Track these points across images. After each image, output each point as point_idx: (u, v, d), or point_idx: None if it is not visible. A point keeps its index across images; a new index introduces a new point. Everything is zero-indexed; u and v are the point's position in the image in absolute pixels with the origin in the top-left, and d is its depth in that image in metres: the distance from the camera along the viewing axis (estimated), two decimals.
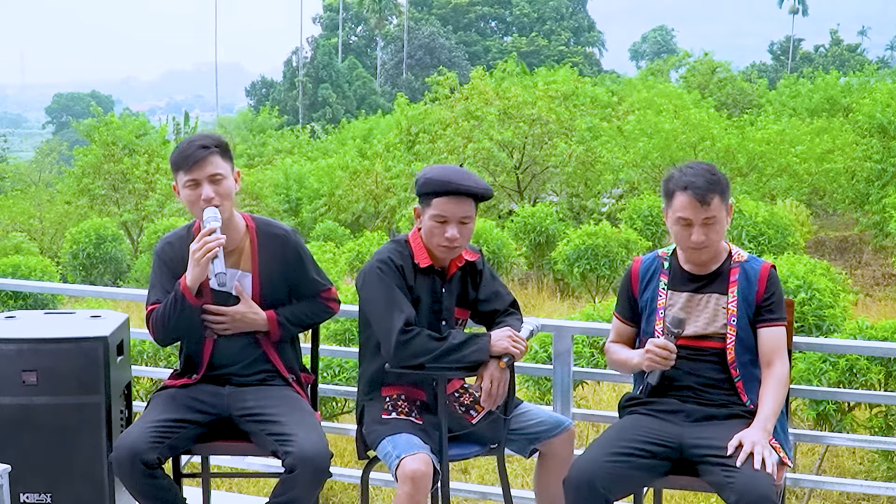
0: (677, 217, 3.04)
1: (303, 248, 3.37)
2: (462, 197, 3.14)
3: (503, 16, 69.63)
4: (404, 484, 2.95)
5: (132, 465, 2.99)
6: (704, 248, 3.05)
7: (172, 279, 3.19)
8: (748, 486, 2.71)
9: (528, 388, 5.84)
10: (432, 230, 3.17)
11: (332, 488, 5.14)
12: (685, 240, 3.06)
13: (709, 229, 3.02)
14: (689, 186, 3.01)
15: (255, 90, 58.95)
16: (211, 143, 3.19)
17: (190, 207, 3.20)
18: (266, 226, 3.34)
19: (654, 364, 3.03)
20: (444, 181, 3.14)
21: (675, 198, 3.05)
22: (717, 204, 3.01)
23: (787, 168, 16.10)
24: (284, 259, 3.31)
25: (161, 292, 3.22)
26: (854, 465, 5.65)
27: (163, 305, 3.17)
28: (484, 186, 3.18)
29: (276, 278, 3.30)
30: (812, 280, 6.19)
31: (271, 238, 3.31)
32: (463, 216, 3.15)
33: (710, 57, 31.78)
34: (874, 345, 4.32)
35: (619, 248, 11.43)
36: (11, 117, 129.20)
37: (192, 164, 3.13)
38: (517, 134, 17.68)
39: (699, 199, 2.99)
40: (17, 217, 19.84)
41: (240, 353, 3.29)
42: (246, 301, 3.25)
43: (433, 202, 3.15)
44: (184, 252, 3.16)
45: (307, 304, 3.37)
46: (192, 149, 3.15)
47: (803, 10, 69.62)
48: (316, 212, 20.23)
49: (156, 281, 3.27)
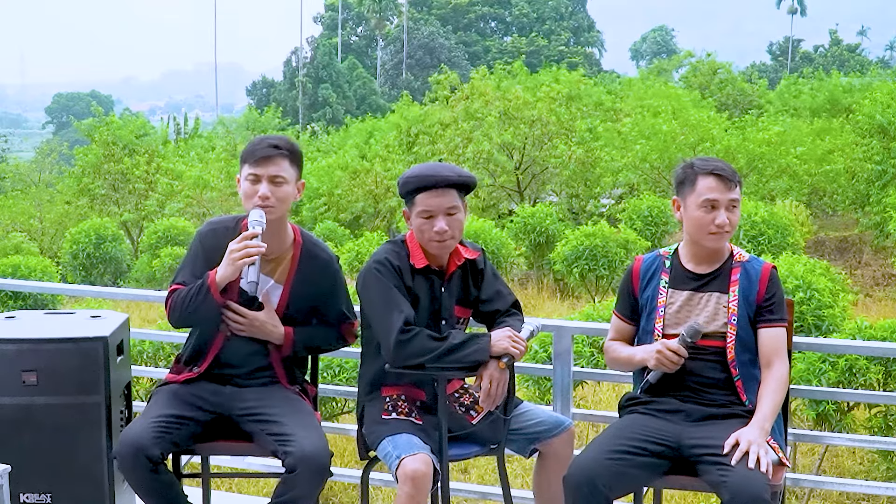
0: (703, 200, 3.03)
1: (340, 277, 3.40)
2: (443, 189, 3.14)
3: (503, 16, 69.65)
4: (404, 484, 2.95)
5: (136, 460, 3.00)
6: (725, 234, 3.05)
7: (205, 266, 3.21)
8: (742, 485, 2.72)
9: (528, 388, 5.84)
10: (421, 227, 3.17)
11: (332, 488, 5.14)
12: (708, 224, 3.03)
13: (732, 214, 3.04)
14: (715, 170, 3.05)
15: (256, 90, 58.94)
16: (284, 145, 3.21)
17: (245, 201, 3.21)
18: (312, 245, 3.35)
19: (661, 364, 3.04)
20: (422, 176, 3.16)
21: (698, 182, 3.05)
22: (739, 192, 3.06)
23: (787, 169, 16.10)
24: (319, 283, 3.32)
25: (189, 275, 3.23)
26: (854, 465, 5.65)
27: (186, 290, 3.17)
28: (463, 175, 3.19)
29: (306, 299, 3.32)
30: (811, 280, 6.19)
31: (313, 258, 3.32)
32: (448, 207, 3.16)
33: (712, 58, 31.77)
34: (873, 345, 4.32)
35: (617, 249, 11.41)
36: (11, 117, 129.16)
37: (258, 159, 3.16)
38: (517, 135, 17.68)
39: (727, 179, 3.02)
40: (17, 217, 19.83)
41: (247, 358, 3.30)
42: (269, 311, 3.26)
43: (416, 199, 3.17)
44: (225, 243, 3.17)
45: (325, 331, 3.39)
46: (263, 145, 3.19)
47: (801, 11, 69.66)
48: (315, 211, 20.23)
49: (188, 262, 3.28)
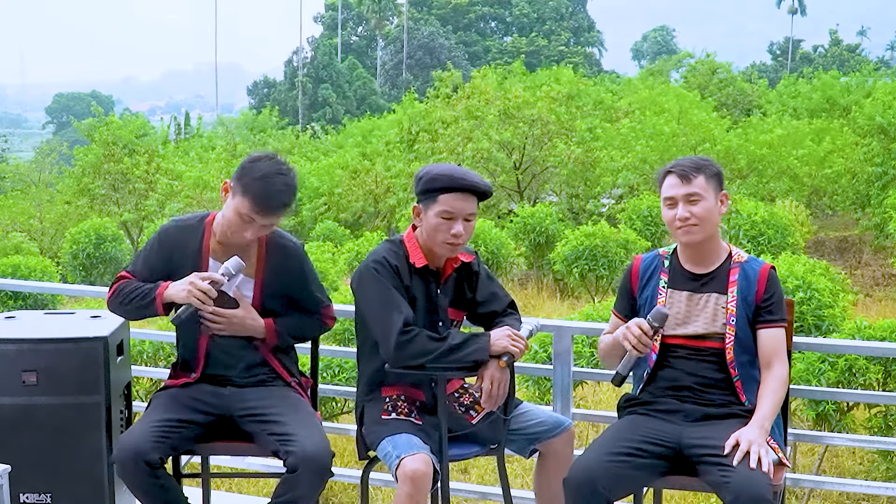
0: (664, 199, 3.10)
1: (308, 263, 3.40)
2: (468, 193, 3.16)
3: (503, 16, 69.62)
4: (404, 484, 2.95)
5: (135, 465, 3.00)
6: (692, 226, 3.04)
7: (158, 262, 3.23)
8: (744, 485, 2.72)
9: (528, 388, 5.85)
10: (437, 227, 3.16)
11: (332, 488, 5.14)
12: (672, 221, 3.07)
13: (693, 206, 3.04)
14: (673, 168, 3.11)
15: (256, 90, 58.93)
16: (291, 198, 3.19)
17: (231, 234, 3.19)
18: (277, 236, 3.35)
19: (626, 340, 3.00)
20: (451, 177, 3.15)
21: (663, 184, 3.12)
22: (702, 183, 3.05)
23: (788, 170, 16.10)
24: (289, 272, 3.33)
25: (141, 267, 3.26)
26: (854, 465, 5.65)
27: (134, 287, 3.19)
28: (487, 184, 3.22)
29: (278, 289, 3.33)
30: (811, 280, 6.19)
31: (280, 248, 3.33)
32: (469, 213, 3.17)
33: (711, 58, 31.76)
34: (873, 345, 4.33)
35: (617, 249, 11.40)
36: (11, 117, 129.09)
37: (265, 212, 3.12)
38: (517, 134, 17.68)
39: (681, 176, 3.06)
40: (17, 217, 19.81)
41: (238, 354, 3.30)
42: (246, 306, 3.27)
43: (440, 198, 3.15)
44: (185, 241, 3.20)
45: (304, 318, 3.40)
46: (274, 203, 3.12)
47: (801, 10, 69.64)
48: (316, 211, 20.22)
49: (143, 255, 3.30)
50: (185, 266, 3.22)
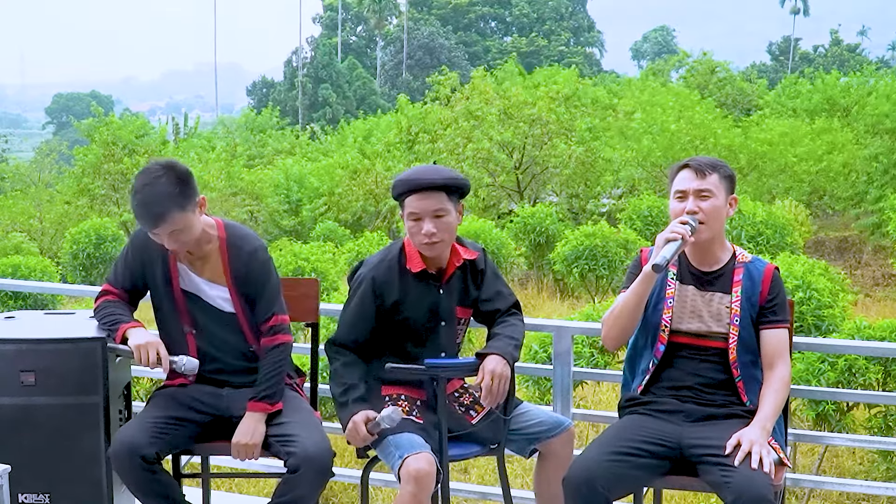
0: (675, 191, 3.10)
1: (262, 265, 3.24)
2: (429, 192, 3.14)
3: (503, 16, 69.64)
4: (408, 483, 2.94)
5: (130, 460, 3.01)
6: (700, 224, 3.03)
7: (137, 266, 3.26)
8: (745, 485, 2.71)
9: (528, 388, 5.84)
10: (411, 230, 3.19)
11: (332, 488, 5.14)
12: (679, 213, 3.06)
13: (702, 202, 3.04)
14: (689, 162, 3.12)
15: (256, 90, 58.95)
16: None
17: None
18: (236, 239, 3.26)
19: (679, 228, 2.95)
20: (408, 179, 3.17)
21: (676, 176, 3.12)
22: (716, 181, 3.06)
23: (787, 168, 16.10)
24: (247, 275, 3.23)
25: (122, 276, 3.29)
26: (854, 466, 5.65)
27: (107, 312, 3.25)
28: (450, 177, 3.17)
29: (246, 292, 3.25)
30: (811, 280, 6.19)
31: (236, 251, 3.24)
32: (435, 210, 3.15)
33: (709, 57, 31.76)
34: (873, 345, 4.32)
35: (617, 249, 11.40)
36: (11, 117, 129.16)
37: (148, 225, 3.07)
38: (517, 134, 17.67)
39: (697, 171, 3.06)
40: (17, 217, 19.79)
41: (225, 348, 3.28)
42: (245, 422, 3.16)
43: (405, 202, 3.18)
44: (153, 248, 3.19)
45: (267, 363, 3.21)
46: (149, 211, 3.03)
47: (804, 10, 69.66)
48: (316, 211, 20.22)
49: (120, 263, 3.32)
50: (156, 272, 3.24)
